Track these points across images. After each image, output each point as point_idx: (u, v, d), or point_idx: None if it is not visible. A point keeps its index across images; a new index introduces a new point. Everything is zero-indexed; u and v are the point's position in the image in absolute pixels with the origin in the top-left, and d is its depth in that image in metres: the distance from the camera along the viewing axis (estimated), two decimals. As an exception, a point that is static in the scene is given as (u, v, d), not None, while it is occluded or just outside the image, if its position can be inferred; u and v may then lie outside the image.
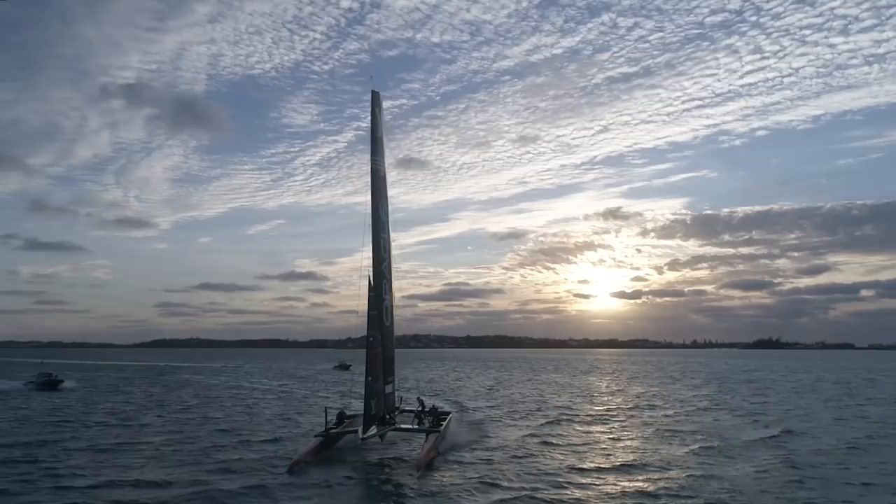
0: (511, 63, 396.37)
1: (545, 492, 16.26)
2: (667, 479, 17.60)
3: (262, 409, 36.36)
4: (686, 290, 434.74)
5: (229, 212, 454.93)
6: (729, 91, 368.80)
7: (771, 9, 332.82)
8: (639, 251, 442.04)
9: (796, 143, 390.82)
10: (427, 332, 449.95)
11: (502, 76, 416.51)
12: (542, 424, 29.50)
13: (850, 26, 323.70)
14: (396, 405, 25.02)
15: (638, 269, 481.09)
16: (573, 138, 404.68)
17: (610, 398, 45.28)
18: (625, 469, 19.05)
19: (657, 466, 19.38)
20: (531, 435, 25.91)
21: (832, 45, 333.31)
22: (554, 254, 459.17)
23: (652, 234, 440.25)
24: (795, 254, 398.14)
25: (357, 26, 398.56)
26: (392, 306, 24.10)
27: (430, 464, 19.18)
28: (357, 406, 29.25)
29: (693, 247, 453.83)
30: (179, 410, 35.72)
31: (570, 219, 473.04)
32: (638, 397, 45.42)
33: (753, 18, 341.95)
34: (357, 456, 21.21)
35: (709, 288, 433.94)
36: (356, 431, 21.46)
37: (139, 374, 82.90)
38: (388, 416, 22.85)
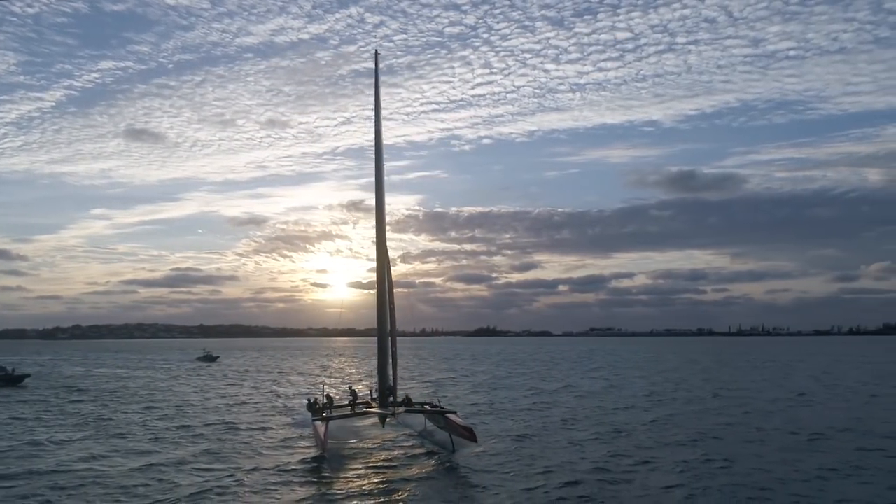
0: (255, 41, 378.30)
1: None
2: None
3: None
4: (417, 281, 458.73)
5: None
6: (461, 99, 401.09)
7: (500, 30, 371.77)
8: (375, 243, 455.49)
9: (514, 153, 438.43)
10: (152, 320, 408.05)
11: (245, 53, 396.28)
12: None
13: (560, 56, 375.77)
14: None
15: (373, 260, 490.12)
16: (317, 126, 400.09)
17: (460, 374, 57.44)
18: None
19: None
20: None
21: (546, 71, 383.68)
22: (292, 242, 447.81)
23: (388, 227, 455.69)
24: (509, 252, 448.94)
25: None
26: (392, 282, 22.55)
27: None
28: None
29: (424, 241, 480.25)
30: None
31: (309, 207, 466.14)
32: (475, 374, 58.14)
33: (485, 36, 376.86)
34: (372, 439, 21.54)
35: (436, 280, 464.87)
36: (365, 413, 21.26)
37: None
38: (393, 399, 21.66)
